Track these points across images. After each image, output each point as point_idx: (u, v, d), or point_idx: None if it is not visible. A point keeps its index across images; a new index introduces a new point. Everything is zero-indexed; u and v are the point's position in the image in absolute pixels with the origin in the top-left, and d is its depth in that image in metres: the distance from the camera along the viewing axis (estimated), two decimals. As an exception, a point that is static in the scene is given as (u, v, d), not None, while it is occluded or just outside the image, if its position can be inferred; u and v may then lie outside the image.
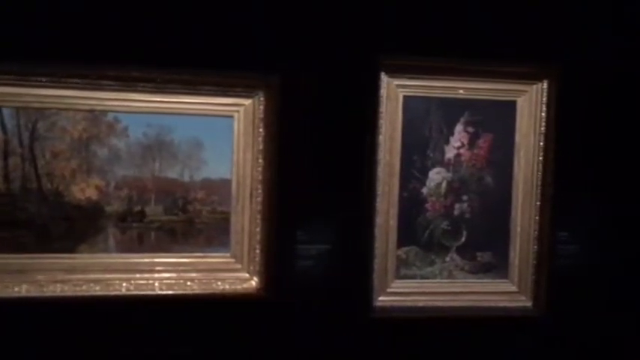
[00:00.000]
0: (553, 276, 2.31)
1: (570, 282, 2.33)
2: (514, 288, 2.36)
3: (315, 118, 2.21)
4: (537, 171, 2.32)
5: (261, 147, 2.19)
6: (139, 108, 2.12)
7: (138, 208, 2.16)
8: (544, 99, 2.30)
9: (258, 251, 2.21)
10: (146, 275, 2.16)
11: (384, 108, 2.24)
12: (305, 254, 2.23)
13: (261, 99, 2.18)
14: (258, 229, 2.21)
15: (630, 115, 2.34)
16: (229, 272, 2.22)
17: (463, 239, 2.34)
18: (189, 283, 2.18)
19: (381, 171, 2.26)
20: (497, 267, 2.36)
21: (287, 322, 2.24)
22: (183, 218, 2.19)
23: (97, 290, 2.12)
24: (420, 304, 2.32)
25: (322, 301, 2.25)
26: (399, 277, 2.32)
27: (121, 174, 2.14)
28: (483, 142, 2.32)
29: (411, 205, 2.30)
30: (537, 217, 2.33)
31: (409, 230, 2.31)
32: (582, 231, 2.36)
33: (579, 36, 2.31)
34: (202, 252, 2.21)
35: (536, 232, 2.34)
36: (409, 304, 2.31)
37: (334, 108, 2.22)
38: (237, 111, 2.19)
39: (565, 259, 2.34)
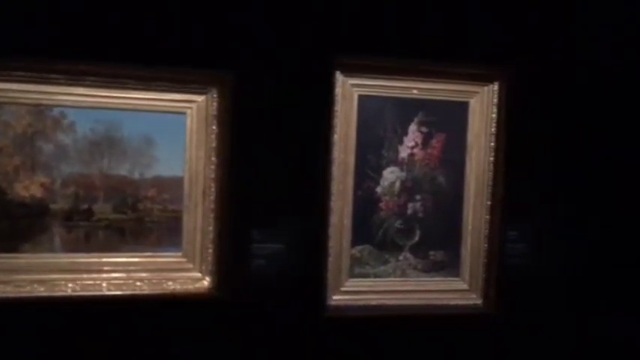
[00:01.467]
0: (502, 274, 2.36)
1: (519, 280, 2.38)
2: (465, 286, 2.40)
3: (269, 116, 2.19)
4: (488, 171, 2.36)
5: (214, 145, 2.15)
6: (87, 103, 2.06)
7: (85, 206, 2.09)
8: (495, 100, 2.35)
9: (210, 250, 2.18)
10: (93, 275, 2.10)
11: (339, 107, 2.24)
12: (258, 253, 2.21)
13: (215, 96, 2.15)
14: (210, 228, 2.18)
15: (578, 117, 2.40)
16: (181, 272, 2.18)
17: (416, 238, 2.36)
18: (138, 283, 2.13)
19: (336, 170, 2.25)
20: (449, 265, 2.39)
21: (240, 322, 2.21)
22: (133, 217, 2.14)
23: (42, 291, 2.05)
24: (374, 302, 2.33)
25: (276, 301, 2.23)
26: (352, 275, 2.32)
27: (67, 171, 2.07)
28: (436, 142, 2.35)
29: (365, 204, 2.31)
30: (488, 217, 2.37)
31: (363, 229, 2.32)
32: (531, 230, 2.41)
33: (529, 39, 2.37)
34: (153, 251, 2.16)
35: (486, 231, 2.38)
36: (363, 302, 2.32)
37: (289, 106, 2.20)
38: (190, 108, 2.15)
39: (514, 258, 2.39)
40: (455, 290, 2.39)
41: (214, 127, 2.15)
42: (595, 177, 2.37)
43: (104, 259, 2.11)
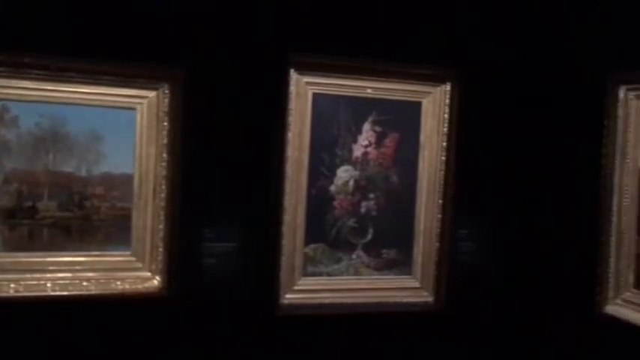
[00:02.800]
0: (453, 272, 2.40)
1: (469, 277, 2.43)
2: (417, 284, 2.43)
3: (222, 112, 2.17)
4: (440, 170, 2.40)
5: (165, 141, 2.11)
6: (32, 97, 1.99)
7: (29, 203, 2.02)
8: (447, 101, 2.38)
9: (161, 249, 2.14)
10: (37, 275, 2.03)
11: (293, 105, 2.23)
12: (210, 252, 2.18)
13: (166, 91, 2.10)
14: (161, 227, 2.13)
15: (527, 118, 2.46)
16: (129, 271, 2.13)
17: (369, 237, 2.38)
18: (85, 283, 2.07)
19: (290, 168, 2.24)
20: (402, 263, 2.42)
21: (192, 322, 2.18)
22: (80, 215, 2.08)
23: (-18, 292, 1.97)
24: (327, 301, 2.33)
25: (228, 300, 2.21)
26: (305, 274, 2.32)
27: (10, 167, 2.00)
28: (390, 142, 2.37)
29: (318, 202, 2.31)
30: (440, 215, 2.41)
31: (317, 228, 2.32)
32: (480, 229, 2.46)
33: (481, 41, 2.41)
34: (100, 250, 2.11)
35: (438, 230, 2.41)
36: (316, 301, 2.32)
37: (242, 103, 2.18)
38: (140, 103, 2.10)
39: (464, 256, 2.44)
40: (407, 288, 2.42)
41: (166, 124, 2.11)
42: (542, 177, 2.43)
43: (49, 259, 2.05)
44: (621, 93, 2.06)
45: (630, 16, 2.08)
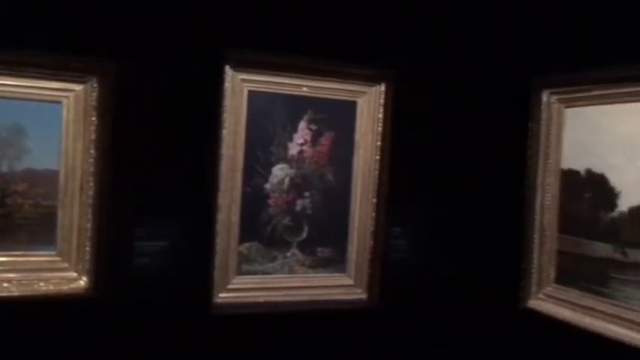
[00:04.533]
0: (386, 269, 2.44)
1: (402, 275, 2.47)
2: (351, 281, 2.45)
3: (154, 108, 2.12)
4: (374, 169, 2.43)
5: (93, 137, 2.04)
6: (-52, 88, 1.87)
7: (-57, 200, 1.91)
8: (382, 101, 2.41)
9: (88, 249, 2.06)
10: (-45, 276, 1.91)
11: (228, 102, 2.20)
12: (141, 251, 2.13)
13: (95, 85, 2.03)
14: (88, 225, 2.06)
15: (459, 120, 2.53)
16: (54, 272, 2.05)
17: (304, 235, 2.38)
18: (6, 284, 1.98)
19: (224, 166, 2.21)
20: (336, 261, 2.44)
21: (121, 324, 2.11)
22: (1, 213, 1.98)
23: None
24: (261, 299, 2.32)
25: (160, 300, 2.15)
26: (240, 273, 2.30)
27: None
28: (325, 140, 2.38)
29: (253, 200, 2.29)
30: (374, 214, 2.44)
31: (251, 226, 2.30)
32: (413, 227, 2.52)
33: (416, 42, 2.46)
34: (23, 250, 2.01)
35: (372, 228, 2.44)
36: (250, 300, 2.30)
37: (176, 99, 2.14)
38: (67, 97, 2.02)
39: (397, 254, 2.48)
40: (341, 286, 2.44)
41: (94, 119, 2.03)
42: (471, 177, 2.51)
43: (-34, 259, 1.94)
44: (544, 97, 2.16)
45: (553, 22, 2.18)
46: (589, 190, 2.02)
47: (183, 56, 2.13)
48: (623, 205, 1.88)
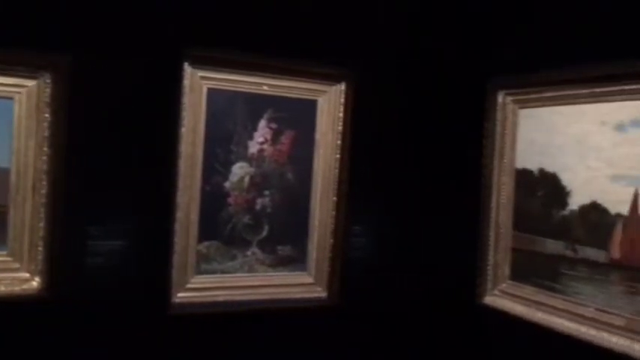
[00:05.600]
0: (346, 267, 2.46)
1: (362, 272, 2.50)
2: (311, 280, 2.46)
3: (110, 105, 2.08)
4: (334, 168, 2.44)
5: (46, 134, 1.98)
6: None
7: None
8: (342, 100, 2.42)
9: (40, 249, 2.01)
10: None
11: (186, 99, 2.18)
12: (96, 251, 2.08)
13: (48, 81, 1.98)
14: (41, 225, 2.01)
15: (417, 120, 2.57)
16: (6, 272, 1.99)
17: (264, 233, 2.38)
18: (-47, 286, 1.91)
19: (183, 164, 2.19)
20: (297, 260, 2.44)
21: (76, 325, 2.07)
22: (-51, 212, 1.91)
23: None
24: (220, 298, 2.30)
25: (116, 300, 2.11)
26: (199, 272, 2.28)
27: None
28: (286, 139, 2.38)
29: (213, 199, 2.28)
30: (334, 212, 2.45)
31: (210, 225, 2.28)
32: (373, 225, 2.54)
33: (376, 41, 2.48)
34: (-29, 250, 1.95)
35: (332, 226, 2.45)
36: (209, 299, 2.28)
37: (133, 96, 2.11)
38: (19, 93, 1.96)
39: (357, 251, 2.50)
40: (301, 284, 2.44)
41: (47, 115, 1.98)
42: (429, 176, 2.55)
43: None
44: (500, 97, 2.21)
45: (509, 25, 2.23)
46: (542, 189, 2.08)
47: (140, 52, 2.10)
48: (574, 203, 1.95)
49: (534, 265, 2.09)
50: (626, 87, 1.76)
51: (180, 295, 2.23)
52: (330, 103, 2.43)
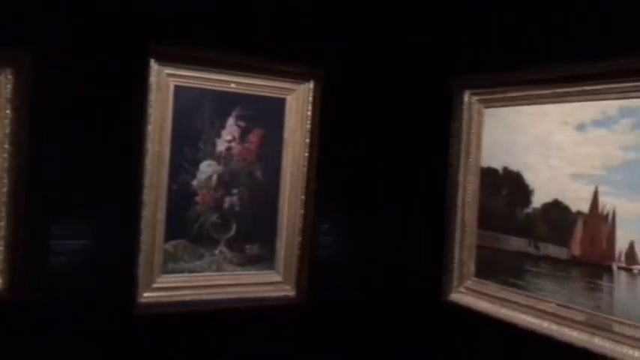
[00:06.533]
0: (314, 265, 2.46)
1: (329, 270, 2.51)
2: (279, 278, 2.46)
3: (75, 101, 2.04)
4: (303, 166, 2.45)
5: (7, 130, 1.94)
6: None
7: None
8: (310, 98, 2.43)
9: (2, 248, 1.96)
10: None
11: (153, 96, 2.15)
12: (59, 250, 2.04)
13: (9, 77, 1.93)
14: (2, 224, 1.96)
15: (385, 118, 2.59)
16: (-35, 273, 1.94)
17: (233, 232, 2.37)
18: None
19: (149, 162, 2.17)
20: (265, 258, 2.44)
21: (39, 325, 2.03)
22: None
23: None
24: (188, 298, 2.28)
25: (81, 301, 2.08)
26: (166, 271, 2.26)
27: None
28: (254, 137, 2.37)
29: (180, 197, 2.26)
30: (302, 210, 2.45)
31: (178, 223, 2.26)
32: (341, 223, 2.55)
33: (343, 42, 2.50)
34: None
35: (300, 224, 2.46)
36: (176, 299, 2.27)
37: (98, 92, 2.07)
38: (-22, 88, 1.91)
39: (325, 250, 2.51)
40: (269, 283, 2.44)
41: (8, 112, 1.93)
42: (397, 174, 2.57)
43: None
44: (466, 97, 2.24)
45: (474, 26, 2.26)
46: (506, 188, 2.11)
47: (106, 48, 2.06)
48: (537, 201, 1.99)
49: (499, 262, 2.13)
50: (587, 88, 1.81)
51: (146, 294, 2.21)
52: (298, 101, 2.43)
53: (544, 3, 1.98)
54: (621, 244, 1.72)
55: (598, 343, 1.74)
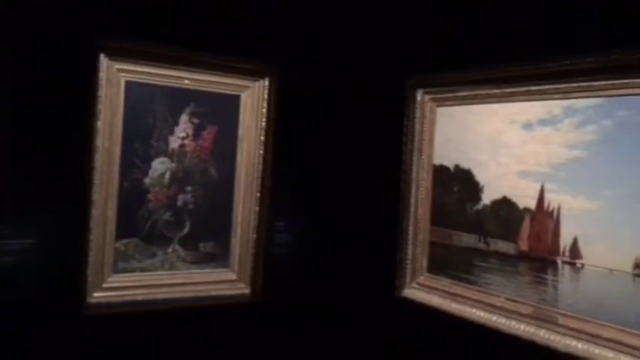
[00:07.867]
0: (269, 263, 2.46)
1: (284, 268, 2.51)
2: (234, 276, 2.44)
3: (21, 97, 1.98)
4: (258, 164, 2.43)
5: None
6: None
7: None
8: (265, 95, 2.42)
9: (-58, 248, 1.89)
10: None
11: (103, 92, 2.11)
12: (6, 250, 1.98)
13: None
14: (-56, 223, 1.89)
15: (340, 117, 2.60)
16: None
17: (186, 230, 2.34)
18: None
19: (100, 159, 2.12)
20: (219, 256, 2.42)
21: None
22: None
23: None
24: (140, 297, 2.24)
25: (28, 301, 2.02)
26: (116, 271, 2.21)
27: None
28: (208, 134, 2.35)
29: (132, 195, 2.22)
30: (257, 208, 2.44)
31: (129, 222, 2.22)
32: (296, 221, 2.55)
33: (299, 38, 2.50)
34: None
35: (255, 222, 2.44)
36: (128, 298, 2.22)
37: (45, 88, 2.01)
38: None
39: (280, 247, 2.51)
40: (224, 281, 2.42)
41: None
42: (351, 172, 2.59)
43: None
44: (418, 96, 2.27)
45: (427, 25, 2.30)
46: (457, 185, 2.16)
47: (53, 42, 2.01)
48: (486, 198, 2.03)
49: (450, 258, 2.17)
50: (533, 87, 1.86)
51: (96, 294, 2.16)
52: (253, 98, 2.42)
53: (494, 5, 2.02)
54: (565, 240, 1.78)
55: (544, 335, 1.79)
